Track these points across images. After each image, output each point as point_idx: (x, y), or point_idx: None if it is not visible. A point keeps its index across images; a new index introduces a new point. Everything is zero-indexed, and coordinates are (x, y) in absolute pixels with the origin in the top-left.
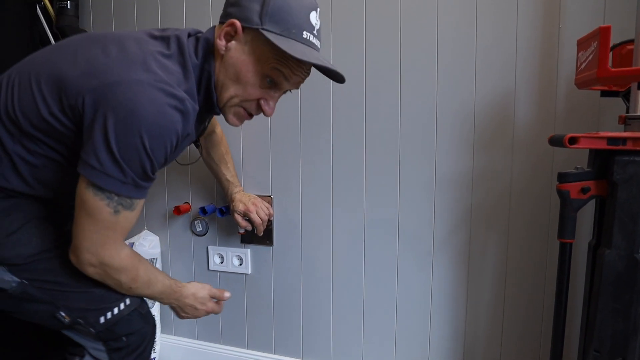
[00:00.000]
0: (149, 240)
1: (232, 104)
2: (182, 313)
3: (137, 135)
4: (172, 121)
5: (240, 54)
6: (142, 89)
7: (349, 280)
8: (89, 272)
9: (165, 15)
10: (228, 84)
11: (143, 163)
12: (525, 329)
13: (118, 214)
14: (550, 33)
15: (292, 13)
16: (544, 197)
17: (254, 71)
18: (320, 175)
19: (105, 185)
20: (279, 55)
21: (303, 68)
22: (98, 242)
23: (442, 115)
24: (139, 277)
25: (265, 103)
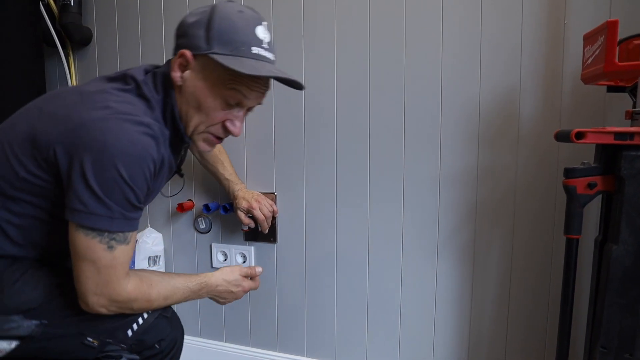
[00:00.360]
0: (152, 237)
1: (199, 131)
2: (221, 299)
3: (114, 168)
4: (145, 147)
5: (196, 82)
6: (108, 125)
7: (353, 278)
8: (103, 312)
9: (169, 11)
10: (191, 113)
11: (126, 195)
12: (531, 325)
13: (113, 250)
14: (555, 29)
15: (237, 32)
16: (550, 193)
17: (213, 95)
18: (324, 173)
19: (94, 224)
20: (232, 75)
21: (259, 83)
22: (101, 283)
23: (447, 112)
24: (153, 299)
25: (231, 124)
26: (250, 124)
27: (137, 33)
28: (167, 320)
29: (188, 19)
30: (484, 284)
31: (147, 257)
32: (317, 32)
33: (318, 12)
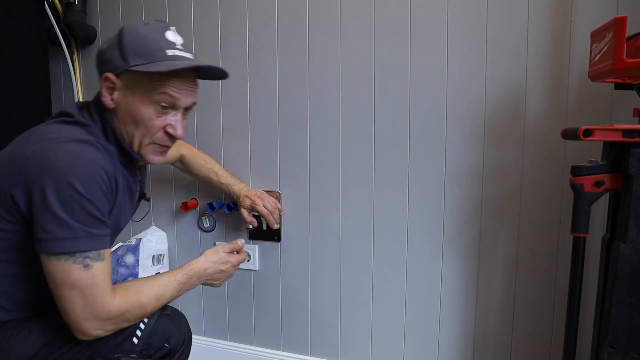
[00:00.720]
0: (156, 236)
1: (145, 144)
2: (215, 282)
3: (68, 186)
4: (92, 159)
5: (126, 99)
6: (49, 150)
7: (357, 277)
8: (101, 334)
9: (172, 9)
10: (131, 129)
11: (87, 209)
12: (537, 324)
13: (90, 268)
14: (562, 26)
15: (147, 41)
16: (556, 191)
17: (145, 105)
18: (329, 171)
19: (62, 248)
20: (156, 79)
21: (184, 81)
22: (89, 305)
23: (452, 110)
24: (145, 304)
25: (171, 128)
26: (255, 123)
27: None
28: (168, 319)
29: (102, 47)
30: (489, 282)
31: (151, 255)
32: (321, 31)
33: (322, 10)
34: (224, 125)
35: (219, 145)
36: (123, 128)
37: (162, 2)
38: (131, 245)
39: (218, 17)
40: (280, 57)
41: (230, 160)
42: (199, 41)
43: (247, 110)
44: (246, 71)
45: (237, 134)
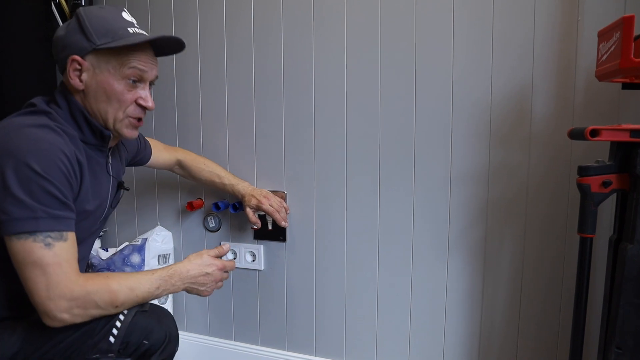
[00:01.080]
0: (161, 236)
1: (119, 119)
2: (201, 288)
3: (26, 166)
4: (50, 142)
5: (97, 78)
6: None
7: (362, 277)
8: (68, 319)
9: (178, 10)
10: (103, 107)
11: (46, 188)
12: (543, 326)
13: (51, 247)
14: (568, 25)
15: (109, 22)
16: (562, 191)
17: (116, 81)
18: (334, 171)
19: (21, 228)
20: (123, 55)
21: (148, 55)
22: (52, 284)
23: (458, 109)
24: (116, 290)
25: (143, 100)
26: (260, 122)
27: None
28: (146, 315)
29: (59, 33)
30: (495, 283)
31: (156, 255)
32: (327, 31)
33: (328, 10)
34: (230, 125)
35: (224, 145)
36: (95, 107)
37: (168, 3)
38: (137, 245)
39: (223, 17)
40: (286, 58)
41: (235, 160)
42: (204, 41)
43: (253, 110)
44: (252, 72)
45: (243, 134)
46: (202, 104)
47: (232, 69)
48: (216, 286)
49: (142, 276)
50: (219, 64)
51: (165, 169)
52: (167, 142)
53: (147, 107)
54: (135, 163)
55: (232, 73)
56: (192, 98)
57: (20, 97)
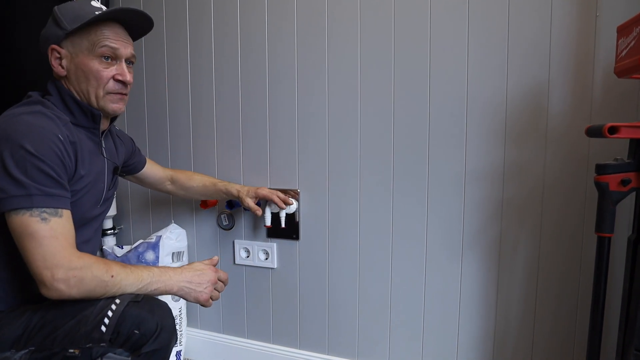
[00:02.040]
0: (176, 233)
1: (101, 97)
2: (198, 288)
3: (20, 148)
4: (43, 126)
5: (74, 61)
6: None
7: (375, 276)
8: (64, 289)
9: (193, 9)
10: (84, 86)
11: (40, 168)
12: (559, 327)
13: (47, 221)
14: (586, 20)
15: (77, 9)
16: (579, 190)
17: (91, 60)
18: (347, 169)
19: (18, 204)
20: (93, 34)
21: (118, 33)
22: (48, 254)
23: (472, 107)
24: (112, 266)
25: (120, 75)
26: (274, 120)
27: (162, 31)
28: (138, 306)
29: (42, 32)
30: (510, 284)
31: (170, 252)
32: (340, 27)
33: (341, 9)
34: (243, 123)
35: (238, 143)
36: (78, 89)
37: (183, 3)
38: (151, 242)
39: (237, 18)
40: (300, 57)
41: (249, 158)
42: (218, 41)
43: (266, 108)
44: (265, 70)
45: (257, 131)
46: (216, 102)
47: (246, 66)
48: (214, 293)
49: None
50: (233, 63)
51: (157, 185)
52: (181, 142)
53: (125, 81)
54: (129, 169)
55: (245, 72)
56: (205, 97)
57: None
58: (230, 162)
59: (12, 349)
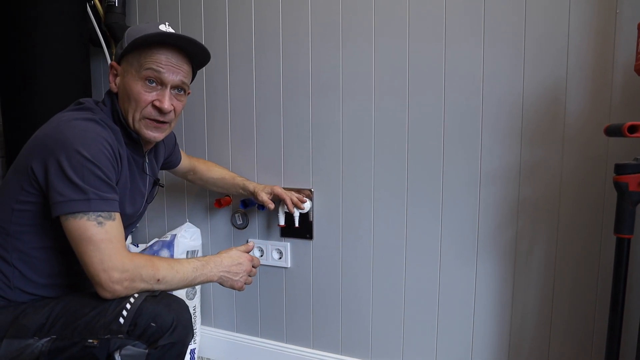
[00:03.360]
0: (190, 232)
1: (137, 119)
2: (235, 278)
3: (77, 153)
4: (96, 132)
5: (123, 79)
6: (62, 127)
7: (389, 276)
8: (119, 290)
9: (208, 10)
10: (126, 106)
11: (95, 172)
12: (576, 330)
13: (103, 225)
14: (606, 18)
15: (142, 31)
16: (598, 190)
17: (135, 82)
18: (362, 169)
19: (76, 208)
20: (144, 56)
21: (170, 59)
22: (105, 257)
23: (488, 107)
24: (158, 266)
25: (158, 101)
26: (288, 119)
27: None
28: (156, 300)
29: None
30: (525, 286)
31: (185, 251)
32: (354, 29)
33: (355, 9)
34: (257, 123)
35: (252, 143)
36: (122, 107)
37: (198, 5)
38: (166, 241)
39: (252, 19)
40: (314, 56)
41: (263, 157)
42: (232, 41)
43: (280, 108)
44: (279, 71)
45: (271, 130)
46: (231, 103)
47: (260, 65)
48: (247, 280)
49: (182, 260)
50: (247, 65)
51: (182, 175)
52: (196, 142)
53: (161, 109)
54: (167, 165)
55: (259, 73)
56: (220, 97)
57: (56, 96)
58: (244, 162)
59: (34, 337)
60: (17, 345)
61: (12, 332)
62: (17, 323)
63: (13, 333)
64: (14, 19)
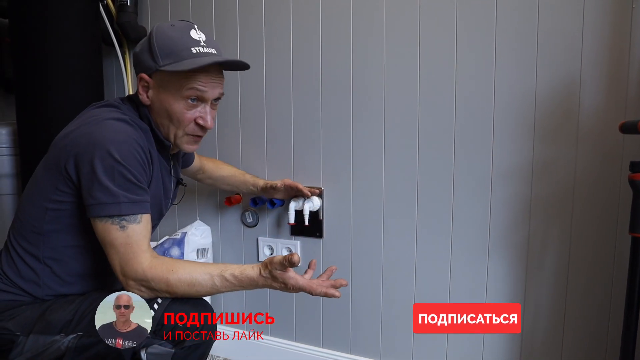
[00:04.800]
0: (200, 230)
1: (179, 136)
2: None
3: (109, 155)
4: (127, 133)
5: (160, 96)
6: (93, 129)
7: (399, 275)
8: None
9: (220, 9)
10: (166, 123)
11: (125, 175)
12: (590, 332)
13: (125, 229)
14: (621, 13)
15: (174, 42)
16: (612, 189)
17: (176, 101)
18: (372, 167)
19: (105, 212)
20: (183, 76)
21: (209, 75)
22: (123, 262)
23: (500, 104)
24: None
25: (202, 120)
26: (298, 119)
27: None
28: (182, 301)
29: (136, 50)
30: (538, 286)
31: (195, 249)
32: (365, 29)
33: (366, 9)
34: (268, 120)
35: (262, 141)
36: (159, 121)
37: (209, 4)
38: (177, 239)
39: (262, 17)
40: (324, 54)
41: (273, 155)
42: (243, 40)
43: (291, 106)
44: (290, 69)
45: (281, 129)
46: (241, 101)
47: (271, 65)
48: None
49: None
50: (258, 63)
51: (192, 175)
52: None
53: (205, 127)
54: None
55: (269, 71)
56: (231, 96)
57: (69, 95)
58: (254, 160)
59: (61, 333)
60: (44, 341)
61: (38, 328)
62: (43, 319)
63: (39, 329)
64: (27, 19)
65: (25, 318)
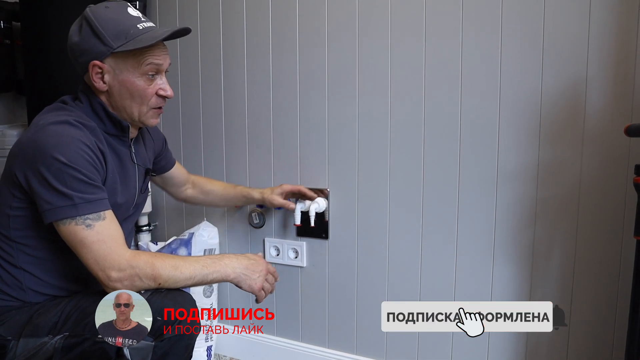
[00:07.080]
0: (207, 231)
1: (144, 113)
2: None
3: (54, 160)
4: (70, 134)
5: (119, 78)
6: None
7: (405, 276)
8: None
9: (226, 12)
10: (128, 103)
11: (75, 176)
12: (596, 335)
13: (92, 227)
14: (628, 13)
15: (118, 22)
16: (618, 192)
17: (136, 79)
18: (378, 169)
19: (64, 214)
20: (139, 53)
21: (161, 47)
22: (100, 258)
23: (506, 106)
24: (159, 267)
25: (163, 90)
26: (304, 120)
27: (196, 34)
28: (161, 294)
29: (74, 39)
30: (543, 289)
31: (202, 249)
32: (370, 30)
33: (372, 10)
34: (274, 121)
35: (269, 142)
36: (120, 104)
37: (216, 6)
38: (184, 239)
39: (269, 21)
40: (330, 57)
41: (279, 157)
42: (250, 42)
43: (297, 108)
44: (296, 71)
45: (287, 130)
46: (248, 103)
47: (277, 64)
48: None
49: (191, 257)
50: (264, 64)
51: (178, 187)
52: (214, 143)
53: (167, 96)
54: (157, 168)
55: (276, 73)
56: (238, 98)
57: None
58: (261, 162)
59: (49, 335)
60: (33, 344)
61: (27, 332)
62: (32, 323)
63: (29, 332)
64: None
65: (15, 323)
